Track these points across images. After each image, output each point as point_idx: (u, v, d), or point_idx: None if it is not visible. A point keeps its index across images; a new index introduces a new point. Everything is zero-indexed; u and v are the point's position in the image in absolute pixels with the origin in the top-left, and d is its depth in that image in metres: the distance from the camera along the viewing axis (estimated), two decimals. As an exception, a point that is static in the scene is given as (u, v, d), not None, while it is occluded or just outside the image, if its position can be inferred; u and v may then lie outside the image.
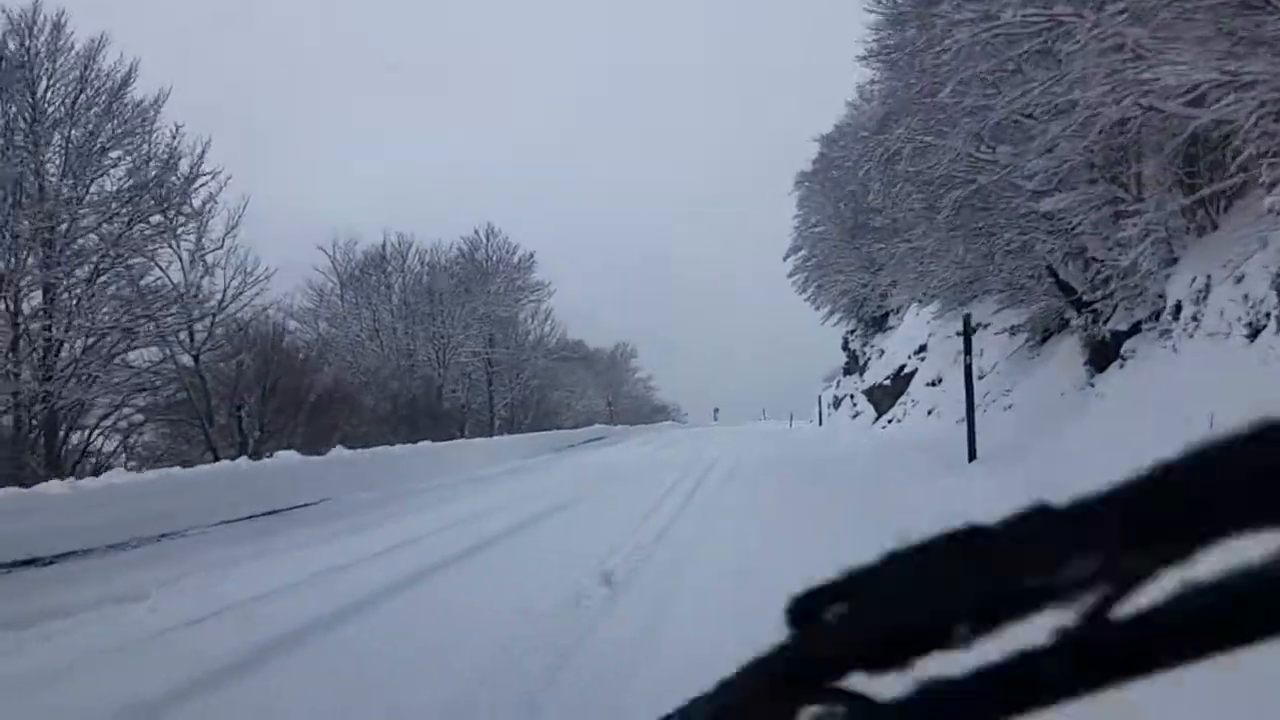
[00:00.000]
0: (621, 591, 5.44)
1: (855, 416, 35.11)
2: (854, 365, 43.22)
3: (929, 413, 22.43)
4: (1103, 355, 12.15)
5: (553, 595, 5.22)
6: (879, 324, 41.37)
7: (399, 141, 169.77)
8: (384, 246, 30.31)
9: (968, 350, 11.82)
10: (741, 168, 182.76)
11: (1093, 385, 12.12)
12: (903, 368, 28.98)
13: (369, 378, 23.07)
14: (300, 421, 16.56)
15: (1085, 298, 12.20)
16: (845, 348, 45.21)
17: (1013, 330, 18.07)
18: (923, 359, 27.33)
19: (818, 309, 48.29)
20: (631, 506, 9.78)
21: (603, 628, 4.58)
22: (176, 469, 9.95)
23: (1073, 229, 11.75)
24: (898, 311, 40.48)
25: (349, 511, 9.85)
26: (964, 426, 19.61)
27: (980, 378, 20.92)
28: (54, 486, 7.41)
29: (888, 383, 29.85)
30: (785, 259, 46.18)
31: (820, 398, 43.87)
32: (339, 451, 12.71)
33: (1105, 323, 12.15)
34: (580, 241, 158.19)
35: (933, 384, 23.91)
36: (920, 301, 26.09)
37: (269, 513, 9.37)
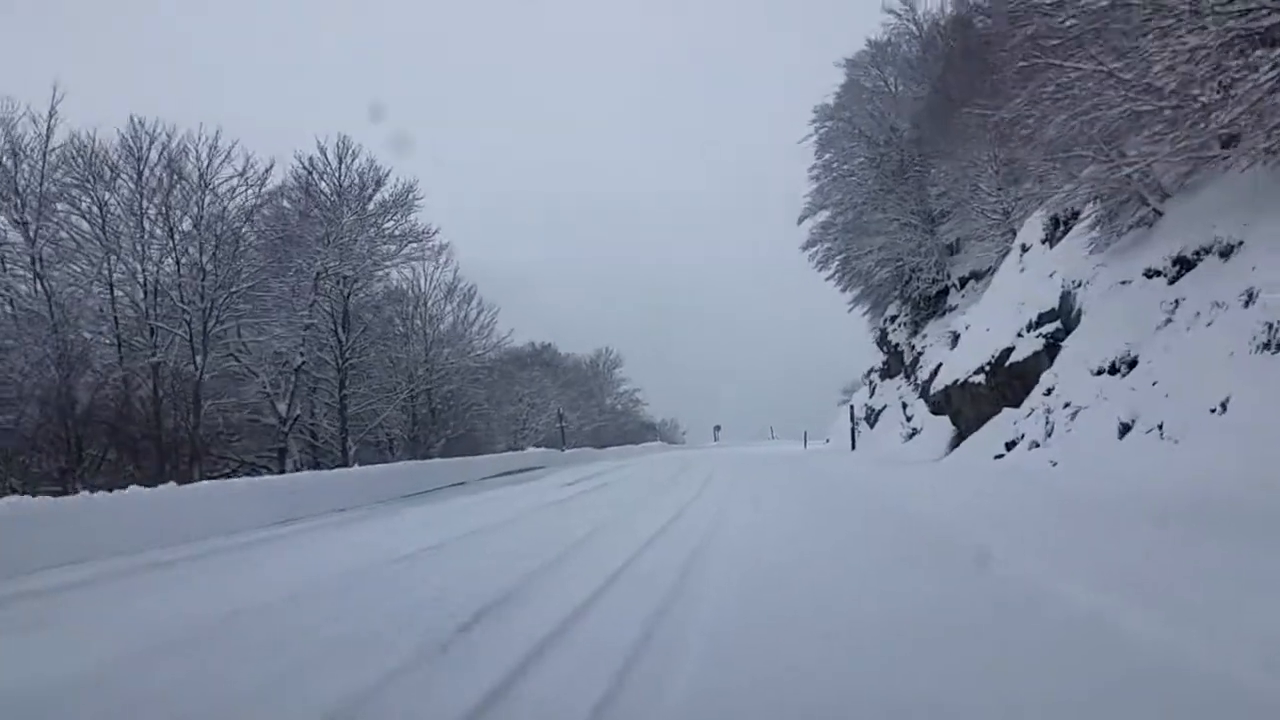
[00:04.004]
0: None
1: (911, 436, 23.11)
2: (897, 364, 31.28)
3: (1126, 428, 10.56)
4: None
5: None
6: (933, 305, 29.48)
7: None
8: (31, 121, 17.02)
9: None
10: (744, 164, 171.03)
11: None
12: (1007, 353, 17.10)
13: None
14: None
15: None
16: (883, 342, 33.29)
17: None
18: (1051, 335, 15.49)
19: (843, 290, 36.55)
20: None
21: None
22: None
23: None
24: (961, 286, 28.62)
25: None
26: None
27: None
28: None
29: (978, 380, 17.96)
30: (800, 223, 34.46)
31: (852, 410, 31.91)
32: None
33: None
34: (574, 251, 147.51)
35: (1110, 371, 12.05)
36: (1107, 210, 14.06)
37: None
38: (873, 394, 34.28)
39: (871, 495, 11.45)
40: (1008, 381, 16.98)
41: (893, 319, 31.69)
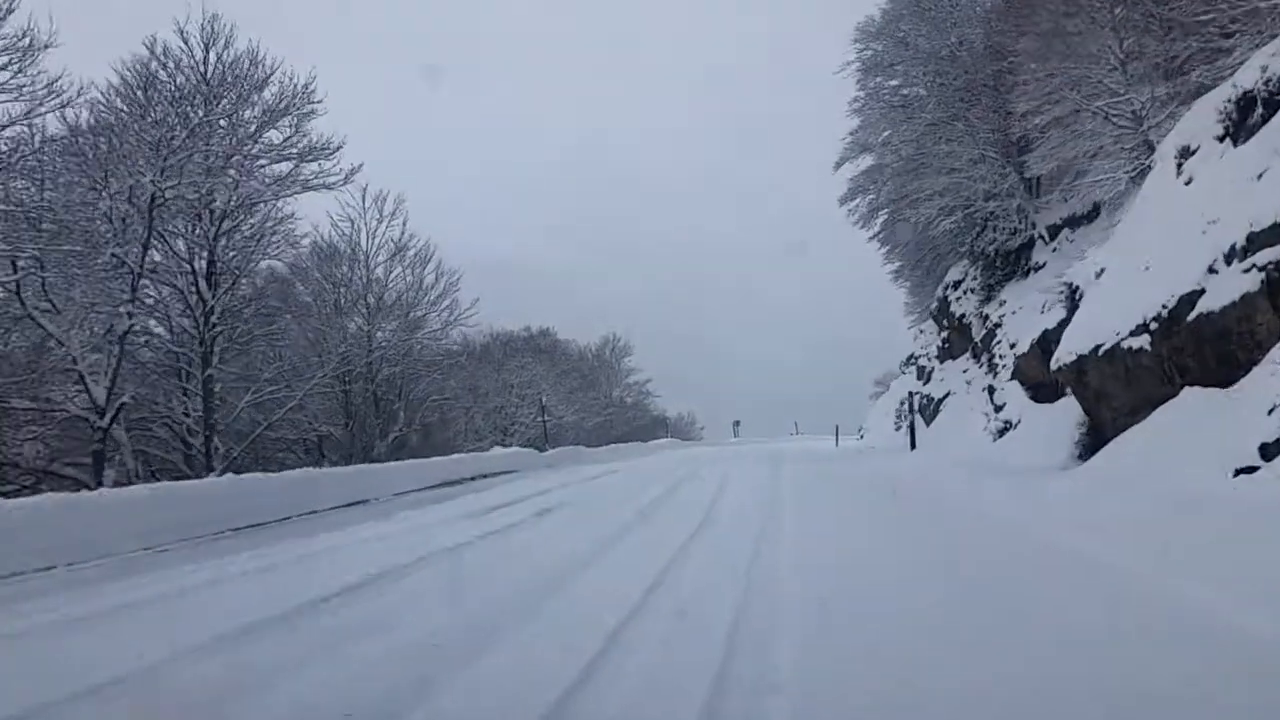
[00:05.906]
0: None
1: (1004, 431, 16.89)
2: (962, 341, 24.98)
3: None
4: None
5: None
6: (1013, 263, 23.19)
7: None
8: None
9: None
10: (772, 141, 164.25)
11: None
12: (1190, 301, 10.85)
13: None
14: None
15: None
16: (942, 314, 26.96)
17: None
18: (1277, 264, 9.26)
19: (888, 255, 30.36)
20: None
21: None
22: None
23: None
24: (1052, 237, 22.26)
25: None
26: None
27: None
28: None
29: (1137, 345, 11.70)
30: (837, 169, 28.24)
31: (912, 400, 25.53)
32: None
33: None
34: (591, 242, 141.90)
35: None
36: None
37: None
38: (927, 380, 27.96)
39: (1141, 599, 4.80)
40: (1193, 345, 10.74)
41: (956, 284, 25.36)
